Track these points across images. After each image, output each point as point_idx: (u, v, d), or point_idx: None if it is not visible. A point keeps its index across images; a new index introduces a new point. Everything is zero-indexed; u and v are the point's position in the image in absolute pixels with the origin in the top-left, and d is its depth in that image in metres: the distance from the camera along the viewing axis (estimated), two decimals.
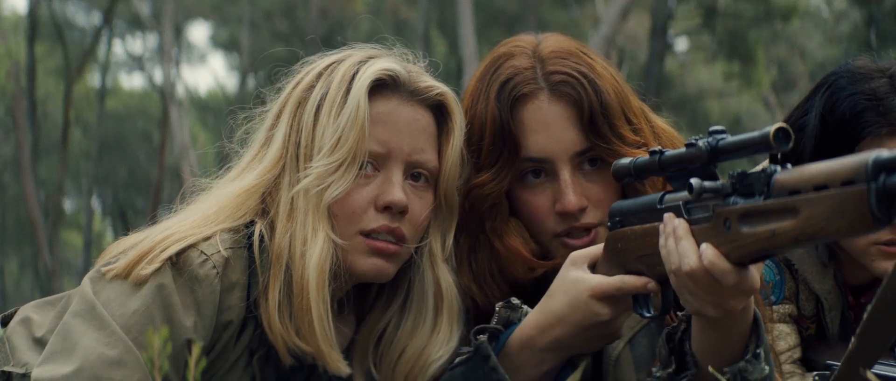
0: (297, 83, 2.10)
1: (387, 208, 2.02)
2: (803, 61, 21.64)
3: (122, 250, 2.00)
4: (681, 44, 25.37)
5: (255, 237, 1.99)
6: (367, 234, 2.02)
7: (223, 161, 2.18)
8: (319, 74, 2.08)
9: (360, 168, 2.02)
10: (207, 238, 1.96)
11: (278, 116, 2.09)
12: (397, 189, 2.03)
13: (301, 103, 2.07)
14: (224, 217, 2.00)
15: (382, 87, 2.05)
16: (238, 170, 2.10)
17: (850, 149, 2.35)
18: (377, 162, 2.04)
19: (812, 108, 2.44)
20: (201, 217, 2.00)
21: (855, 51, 2.59)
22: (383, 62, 2.07)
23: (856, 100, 2.37)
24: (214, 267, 1.95)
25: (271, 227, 2.01)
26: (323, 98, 2.04)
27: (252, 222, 2.01)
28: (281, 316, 1.96)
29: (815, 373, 2.37)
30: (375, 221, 2.02)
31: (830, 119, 2.39)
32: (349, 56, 2.10)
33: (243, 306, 1.99)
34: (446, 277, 2.13)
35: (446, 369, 2.11)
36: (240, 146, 2.17)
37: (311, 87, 2.07)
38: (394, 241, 2.04)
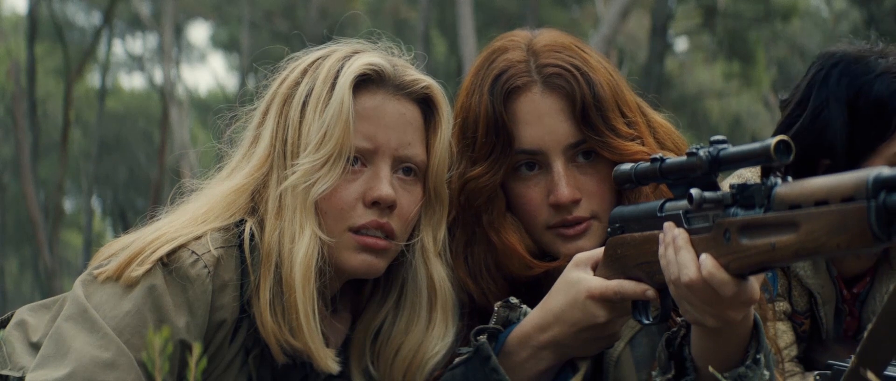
0: (283, 80, 2.10)
1: (375, 204, 2.02)
2: (803, 61, 21.61)
3: (114, 251, 1.99)
4: (681, 44, 25.37)
5: (245, 236, 1.99)
6: (356, 230, 2.02)
7: (221, 161, 2.18)
8: (304, 71, 2.08)
9: (347, 164, 2.01)
10: (198, 238, 1.96)
11: (265, 114, 2.09)
12: (385, 184, 2.02)
13: (287, 100, 2.06)
14: (214, 217, 2.00)
15: (368, 82, 2.05)
16: (228, 170, 2.10)
17: (892, 128, 2.36)
18: (364, 157, 2.04)
19: (828, 99, 2.42)
20: (191, 218, 2.00)
21: None
22: (368, 57, 2.07)
23: (887, 80, 2.39)
24: (206, 267, 1.94)
25: (261, 225, 2.01)
26: (309, 94, 2.03)
27: (242, 221, 2.01)
28: (273, 314, 1.96)
29: (816, 373, 2.37)
30: (364, 216, 2.02)
31: (863, 103, 2.38)
32: (333, 51, 2.10)
33: (237, 306, 1.98)
34: (439, 271, 2.13)
35: (444, 365, 2.11)
36: (229, 146, 2.16)
37: (297, 83, 2.06)
38: (383, 236, 2.03)
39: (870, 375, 1.72)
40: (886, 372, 2.20)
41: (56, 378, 1.84)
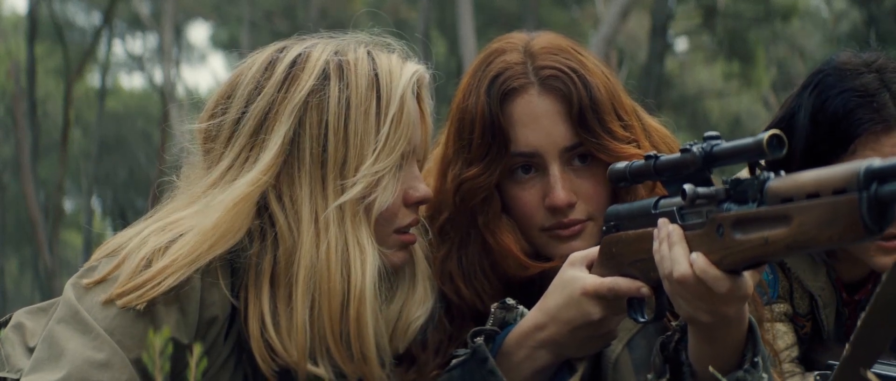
0: (287, 83, 2.00)
1: (417, 204, 2.03)
2: (803, 61, 21.63)
3: (113, 249, 1.97)
4: (681, 44, 25.39)
5: (247, 246, 1.95)
6: (399, 230, 2.02)
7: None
8: (324, 75, 1.99)
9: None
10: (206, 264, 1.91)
11: (267, 119, 1.99)
12: (423, 183, 2.04)
13: (308, 108, 1.97)
14: (220, 235, 1.92)
15: None
16: (219, 172, 2.00)
17: (844, 147, 2.33)
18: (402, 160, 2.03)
19: (800, 107, 2.42)
20: (200, 235, 1.92)
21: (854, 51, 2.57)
22: (410, 65, 2.04)
23: (847, 97, 2.35)
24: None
25: (263, 235, 1.96)
26: (347, 103, 1.97)
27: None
28: (307, 338, 1.92)
29: (816, 373, 2.37)
30: (407, 217, 2.02)
31: (822, 118, 2.37)
32: (346, 49, 2.03)
33: (227, 301, 1.95)
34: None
35: (441, 364, 2.12)
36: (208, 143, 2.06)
37: (319, 90, 1.98)
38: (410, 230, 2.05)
39: (869, 375, 1.72)
40: (886, 373, 2.20)
41: None
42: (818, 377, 2.32)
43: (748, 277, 1.76)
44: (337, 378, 1.99)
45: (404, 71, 2.02)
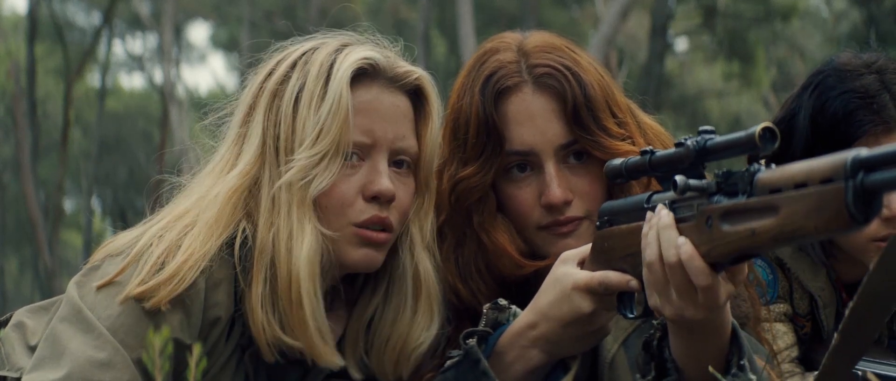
0: (269, 75, 2.07)
1: (375, 198, 2.02)
2: (803, 61, 21.62)
3: (120, 250, 1.98)
4: (681, 44, 25.38)
5: (238, 237, 1.98)
6: (358, 224, 2.02)
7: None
8: (293, 65, 2.05)
9: (345, 159, 2.00)
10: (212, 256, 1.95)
11: (251, 110, 2.07)
12: (385, 179, 2.02)
13: (276, 96, 2.04)
14: (223, 224, 1.98)
15: (362, 75, 2.04)
16: (219, 167, 2.07)
17: (844, 148, 2.33)
18: (362, 152, 2.03)
19: (800, 108, 2.42)
20: (207, 228, 1.97)
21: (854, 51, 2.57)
22: (361, 51, 2.06)
23: (847, 99, 2.35)
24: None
25: (254, 224, 2.00)
26: (301, 89, 2.02)
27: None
28: (264, 312, 1.95)
29: (816, 373, 2.36)
30: (365, 211, 2.02)
31: (821, 119, 2.37)
32: (322, 45, 2.08)
33: (231, 303, 1.97)
34: (425, 263, 2.12)
35: (435, 366, 2.11)
36: (212, 140, 2.15)
37: (286, 78, 2.04)
38: (381, 229, 2.03)
39: (870, 375, 1.72)
40: (886, 372, 2.20)
41: (53, 380, 1.84)
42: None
43: (724, 287, 1.75)
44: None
45: (350, 56, 2.04)
